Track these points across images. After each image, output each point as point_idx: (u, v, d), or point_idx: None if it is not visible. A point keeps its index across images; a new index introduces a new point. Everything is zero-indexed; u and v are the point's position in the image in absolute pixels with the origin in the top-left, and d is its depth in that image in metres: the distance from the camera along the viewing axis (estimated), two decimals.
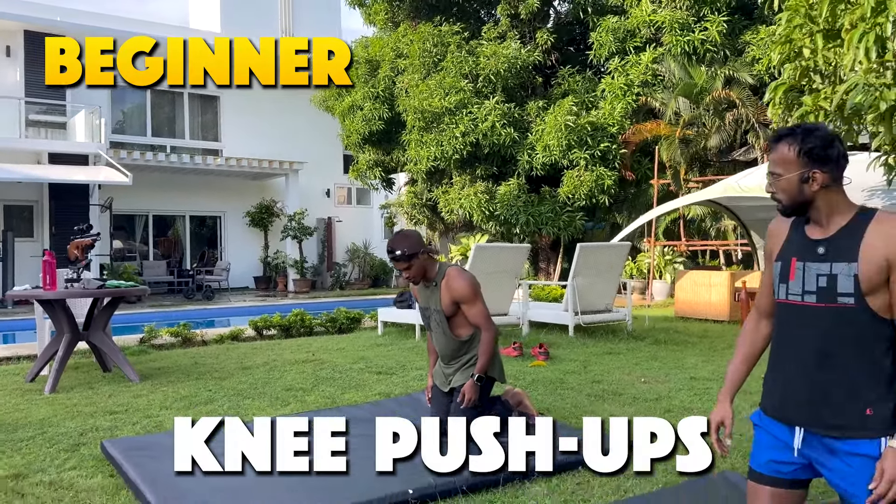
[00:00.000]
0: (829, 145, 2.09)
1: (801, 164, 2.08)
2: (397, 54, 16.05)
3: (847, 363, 2.08)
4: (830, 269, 2.07)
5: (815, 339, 2.12)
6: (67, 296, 5.30)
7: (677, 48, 12.74)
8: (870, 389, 2.06)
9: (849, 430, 2.07)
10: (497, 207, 14.24)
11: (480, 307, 3.71)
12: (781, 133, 2.15)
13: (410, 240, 3.72)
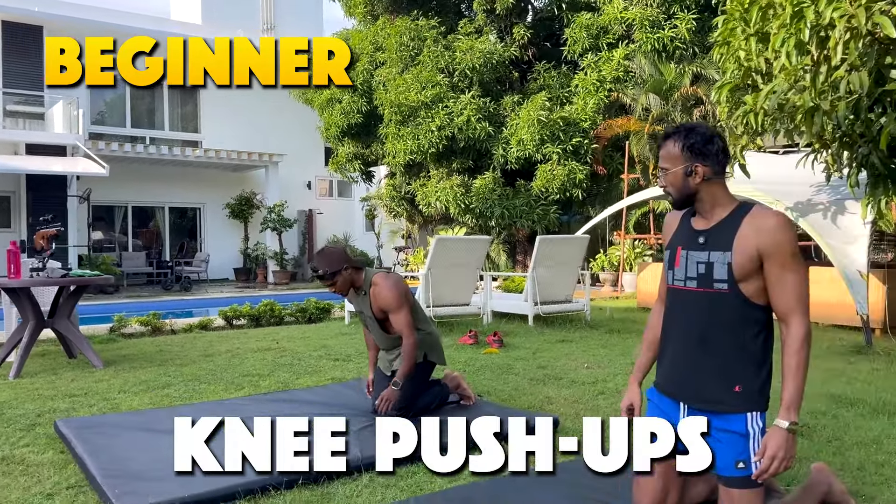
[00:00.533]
0: (708, 141, 2.31)
1: (684, 158, 2.30)
2: (376, 47, 16.21)
3: (720, 344, 2.29)
4: (708, 258, 2.29)
5: (694, 322, 2.34)
6: (31, 284, 5.46)
7: (648, 45, 12.98)
8: (739, 369, 2.28)
9: (720, 406, 2.29)
10: (473, 200, 14.46)
11: (403, 315, 3.76)
12: (668, 132, 2.38)
13: (331, 258, 3.79)
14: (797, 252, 2.23)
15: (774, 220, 2.23)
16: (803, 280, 2.23)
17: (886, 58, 4.15)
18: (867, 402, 4.46)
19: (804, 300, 2.22)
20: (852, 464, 3.32)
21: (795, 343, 2.18)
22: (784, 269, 2.20)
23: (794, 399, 2.17)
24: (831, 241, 7.03)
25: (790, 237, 2.23)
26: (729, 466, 2.26)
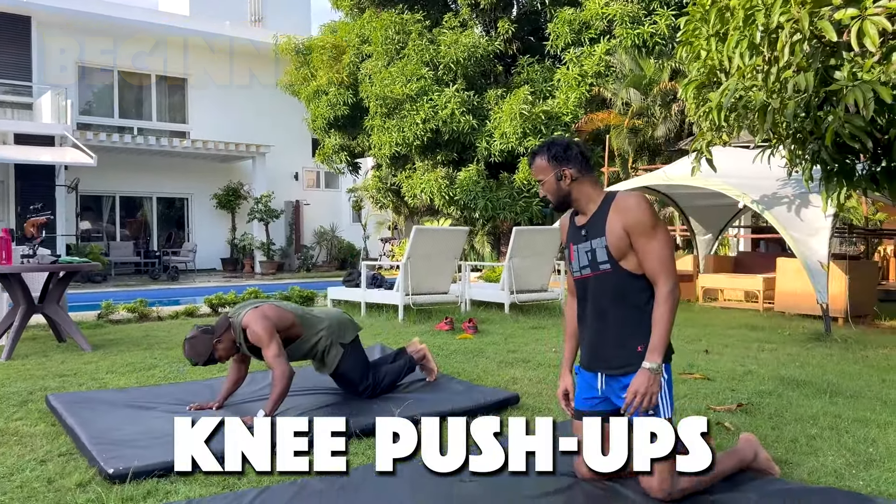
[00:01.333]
0: (567, 148, 2.73)
1: (552, 167, 2.72)
2: (362, 40, 16.40)
3: (617, 316, 2.67)
4: (591, 246, 2.70)
5: (593, 302, 2.74)
6: (21, 269, 5.67)
7: (628, 41, 13.23)
8: (638, 332, 2.64)
9: (628, 367, 2.64)
10: (457, 192, 14.71)
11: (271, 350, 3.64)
12: (534, 151, 2.81)
13: (198, 347, 3.72)
14: (656, 223, 2.62)
15: (633, 200, 2.64)
16: (665, 245, 2.62)
17: (831, 59, 4.42)
18: (813, 384, 4.76)
19: (667, 262, 2.61)
20: (786, 436, 3.60)
21: (660, 298, 2.57)
22: (648, 239, 2.59)
23: (658, 344, 2.54)
24: (794, 234, 7.32)
25: (647, 212, 2.61)
26: (639, 412, 2.56)
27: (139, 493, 2.77)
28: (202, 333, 3.75)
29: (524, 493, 2.68)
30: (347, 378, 4.11)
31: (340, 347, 4.08)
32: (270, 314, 3.78)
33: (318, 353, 4.05)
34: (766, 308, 9.02)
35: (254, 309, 3.79)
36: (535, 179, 2.80)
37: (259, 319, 3.70)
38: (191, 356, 3.75)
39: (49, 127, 15.92)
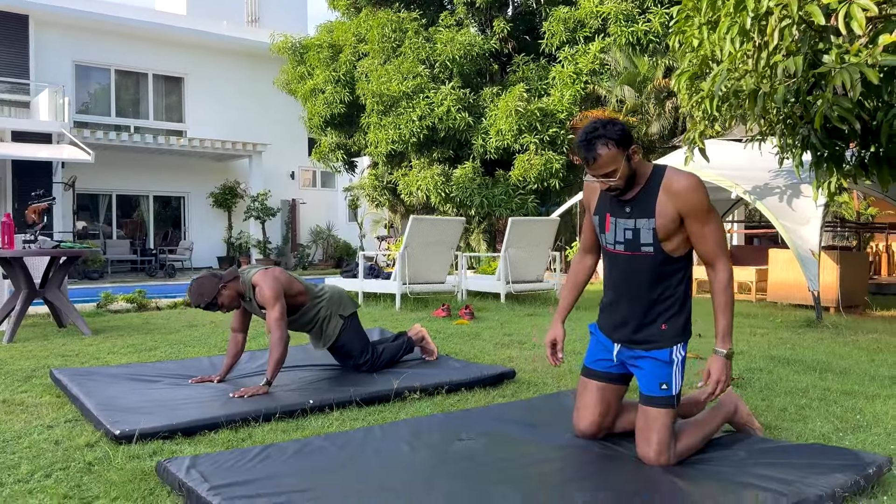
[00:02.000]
0: (622, 127, 2.55)
1: (621, 152, 2.53)
2: (358, 39, 16.49)
3: (647, 295, 2.68)
4: (635, 224, 2.65)
5: (625, 279, 2.71)
6: (24, 254, 5.73)
7: (622, 39, 13.35)
8: (664, 311, 2.69)
9: (650, 344, 2.70)
10: (453, 189, 14.79)
11: (274, 312, 3.72)
12: (590, 142, 2.52)
13: (203, 288, 3.75)
14: (710, 207, 2.57)
15: (686, 182, 2.56)
16: (720, 229, 2.59)
17: (819, 44, 4.53)
18: (803, 362, 4.85)
19: (724, 246, 2.59)
20: (776, 405, 3.69)
21: (723, 283, 2.57)
22: (703, 224, 2.56)
23: (727, 330, 2.55)
24: (786, 223, 7.43)
25: (703, 195, 2.56)
26: (654, 388, 2.66)
27: (145, 452, 2.84)
28: (210, 276, 3.81)
29: (522, 449, 2.76)
30: (346, 350, 4.19)
31: (340, 319, 4.17)
32: (281, 277, 3.89)
33: (319, 322, 4.13)
34: (759, 299, 9.12)
35: (265, 270, 3.89)
36: (603, 174, 2.54)
37: (269, 280, 3.80)
38: (195, 296, 3.77)
39: (46, 124, 15.95)
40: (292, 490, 2.28)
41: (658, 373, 2.66)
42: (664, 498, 2.29)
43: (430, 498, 2.26)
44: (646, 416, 2.65)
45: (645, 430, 2.63)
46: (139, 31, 18.46)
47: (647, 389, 2.67)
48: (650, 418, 2.63)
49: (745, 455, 2.71)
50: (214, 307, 3.80)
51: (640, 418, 2.67)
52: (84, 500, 2.35)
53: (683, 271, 2.69)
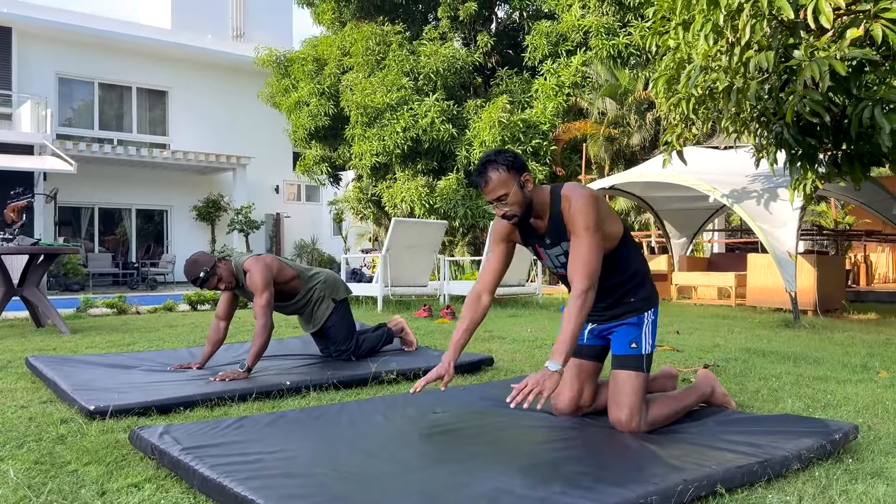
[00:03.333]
0: (514, 155, 2.59)
1: (513, 176, 2.54)
2: (343, 52, 16.59)
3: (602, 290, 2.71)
4: (561, 249, 2.70)
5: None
6: (2, 251, 5.70)
7: (604, 52, 13.53)
8: (628, 290, 2.76)
9: (622, 317, 2.77)
10: (437, 201, 14.84)
11: (262, 299, 3.74)
12: (482, 168, 2.58)
13: (200, 262, 3.78)
14: (591, 226, 2.50)
15: (572, 198, 2.54)
16: (592, 250, 2.49)
17: (790, 38, 4.63)
18: (778, 353, 4.91)
19: (589, 264, 2.48)
20: (750, 388, 3.73)
21: (572, 297, 2.46)
22: (577, 238, 2.51)
23: (562, 344, 2.39)
24: (763, 225, 7.53)
25: (585, 213, 2.50)
26: (624, 346, 2.72)
27: (119, 427, 2.83)
28: (205, 254, 3.85)
29: (495, 421, 2.77)
30: (331, 335, 4.19)
31: (332, 302, 4.21)
32: (272, 265, 3.93)
33: (311, 303, 4.17)
34: (738, 303, 9.21)
35: (257, 256, 3.92)
36: (495, 198, 2.56)
37: (260, 267, 3.82)
38: (190, 265, 3.77)
39: (28, 136, 15.90)
40: (265, 451, 2.28)
41: (628, 332, 2.74)
42: (633, 456, 2.32)
43: (403, 455, 2.28)
44: (616, 380, 2.69)
45: (616, 395, 2.66)
46: (123, 44, 18.49)
47: (618, 350, 2.73)
48: (620, 381, 2.67)
49: (716, 425, 2.75)
50: (211, 280, 3.78)
51: (612, 383, 2.71)
52: (55, 465, 2.34)
53: (626, 252, 2.73)
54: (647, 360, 2.70)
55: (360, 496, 1.90)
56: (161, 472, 2.27)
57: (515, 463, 2.24)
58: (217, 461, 2.13)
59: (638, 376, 2.66)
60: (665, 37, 5.87)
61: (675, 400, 2.85)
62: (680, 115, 6.41)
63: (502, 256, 2.84)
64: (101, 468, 2.31)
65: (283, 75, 17.76)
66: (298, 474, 2.06)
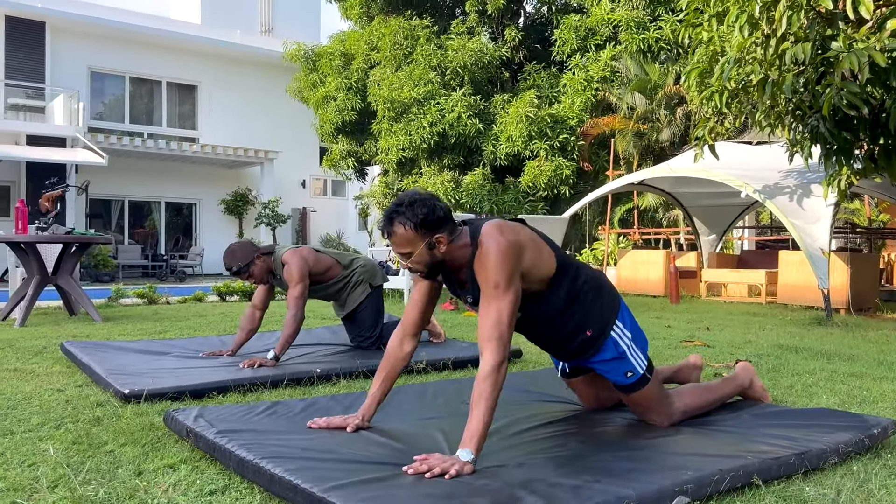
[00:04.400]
0: (432, 209, 2.19)
1: (421, 236, 2.19)
2: (370, 47, 16.63)
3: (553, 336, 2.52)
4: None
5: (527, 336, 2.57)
6: (37, 240, 5.80)
7: (633, 46, 13.39)
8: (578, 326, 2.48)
9: (588, 353, 2.55)
10: (463, 196, 14.82)
11: (295, 291, 3.80)
12: (388, 214, 2.24)
13: (239, 253, 3.81)
14: (500, 282, 2.15)
15: (483, 250, 2.19)
16: (504, 308, 2.14)
17: (827, 30, 4.55)
18: (811, 350, 4.84)
19: (501, 328, 2.13)
20: (783, 384, 3.68)
21: (481, 374, 2.09)
22: (487, 297, 2.17)
23: (474, 432, 2.04)
24: (796, 221, 7.41)
25: (494, 267, 2.16)
26: (620, 378, 2.55)
27: (154, 410, 2.86)
28: (249, 244, 3.89)
29: (525, 413, 2.76)
30: (360, 319, 4.22)
31: (369, 287, 4.27)
32: (309, 258, 3.98)
33: (349, 286, 4.22)
34: (769, 301, 9.09)
35: (295, 248, 3.99)
36: (400, 252, 2.24)
37: (297, 260, 3.89)
38: (228, 256, 3.82)
39: (61, 129, 16.15)
40: (298, 436, 2.30)
41: (618, 368, 2.53)
42: (667, 445, 2.30)
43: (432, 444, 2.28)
44: (631, 401, 2.61)
45: (638, 412, 2.63)
46: (154, 39, 18.69)
47: (617, 381, 2.57)
48: (636, 403, 2.60)
49: (751, 417, 2.71)
50: (243, 274, 3.84)
51: (629, 405, 2.65)
52: (93, 446, 2.38)
53: (562, 288, 2.39)
54: (647, 371, 2.55)
55: (393, 481, 1.90)
56: (196, 454, 2.29)
57: (547, 452, 2.23)
58: (252, 444, 2.14)
59: (649, 388, 2.55)
60: (698, 29, 5.80)
61: (709, 390, 2.81)
62: (712, 109, 6.33)
63: (426, 296, 2.45)
64: (137, 449, 2.34)
65: (311, 70, 17.84)
66: (332, 458, 2.07)
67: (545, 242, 2.41)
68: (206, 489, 1.98)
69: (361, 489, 1.79)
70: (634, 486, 1.87)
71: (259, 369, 3.48)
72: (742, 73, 5.44)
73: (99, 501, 1.88)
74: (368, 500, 1.70)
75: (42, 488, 1.97)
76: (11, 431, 2.55)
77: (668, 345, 5.05)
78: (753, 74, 4.89)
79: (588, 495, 1.80)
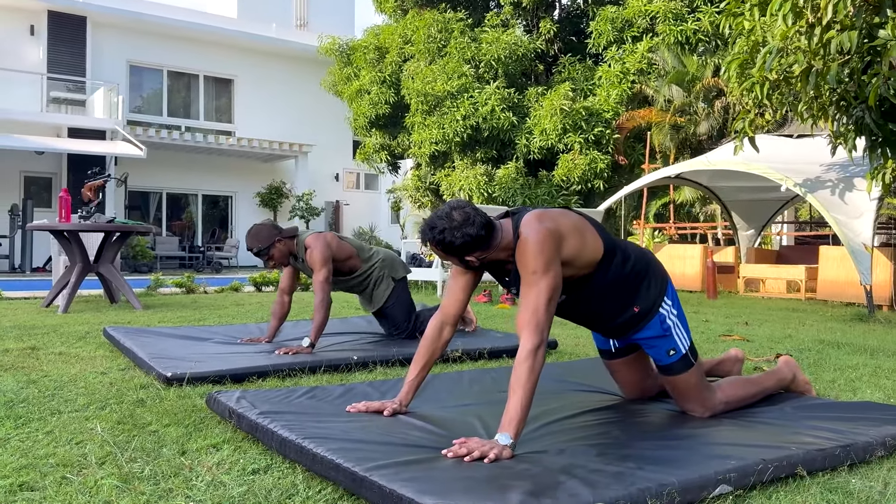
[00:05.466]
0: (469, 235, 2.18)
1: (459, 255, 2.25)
2: (405, 41, 16.65)
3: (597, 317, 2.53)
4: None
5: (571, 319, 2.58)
6: (79, 228, 5.92)
7: (671, 37, 13.23)
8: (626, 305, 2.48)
9: (634, 328, 2.54)
10: (496, 189, 14.79)
11: (320, 275, 3.80)
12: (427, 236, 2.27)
13: (261, 235, 3.81)
14: (540, 268, 2.17)
15: (522, 239, 2.22)
16: (542, 294, 2.16)
17: (875, 17, 4.44)
18: (853, 345, 4.74)
19: (537, 316, 2.14)
20: (825, 378, 3.61)
21: (519, 358, 2.11)
22: (525, 284, 2.19)
23: (513, 416, 2.04)
24: (837, 216, 7.26)
25: (534, 253, 2.18)
26: (663, 357, 2.54)
27: (196, 393, 2.91)
28: (271, 226, 3.88)
29: (564, 402, 2.75)
30: (392, 315, 4.23)
31: (392, 281, 4.24)
32: (332, 242, 3.98)
33: (371, 283, 4.21)
34: (808, 297, 8.93)
35: (318, 233, 3.98)
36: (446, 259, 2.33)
37: (321, 244, 3.88)
38: (251, 238, 3.83)
39: (101, 121, 16.46)
40: (338, 419, 2.32)
41: (660, 345, 2.53)
42: (710, 435, 2.27)
43: (469, 430, 2.28)
44: (673, 386, 2.57)
45: (681, 399, 2.59)
46: (191, 33, 18.94)
47: (659, 360, 2.56)
48: (677, 387, 2.56)
49: (794, 410, 2.67)
50: (264, 256, 3.85)
51: (670, 389, 2.61)
52: (137, 426, 2.42)
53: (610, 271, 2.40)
54: (691, 353, 2.54)
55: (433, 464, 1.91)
56: (238, 435, 2.32)
57: (587, 440, 2.22)
58: (293, 425, 2.17)
59: (691, 374, 2.52)
60: (740, 19, 5.71)
61: (751, 383, 2.77)
62: (753, 101, 6.23)
63: (465, 285, 2.47)
64: (181, 429, 2.38)
65: (346, 64, 17.93)
66: (372, 441, 2.08)
67: (591, 226, 2.41)
68: (249, 468, 2.00)
69: (402, 470, 1.80)
70: (677, 474, 1.85)
71: (297, 356, 3.51)
72: (784, 63, 5.35)
73: (145, 478, 1.91)
74: (409, 481, 1.71)
75: (90, 464, 2.01)
76: (59, 411, 2.61)
77: (707, 339, 4.99)
78: (797, 64, 4.79)
79: (630, 481, 1.79)
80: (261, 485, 1.87)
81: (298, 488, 1.86)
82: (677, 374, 2.53)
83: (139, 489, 1.83)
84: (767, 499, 1.87)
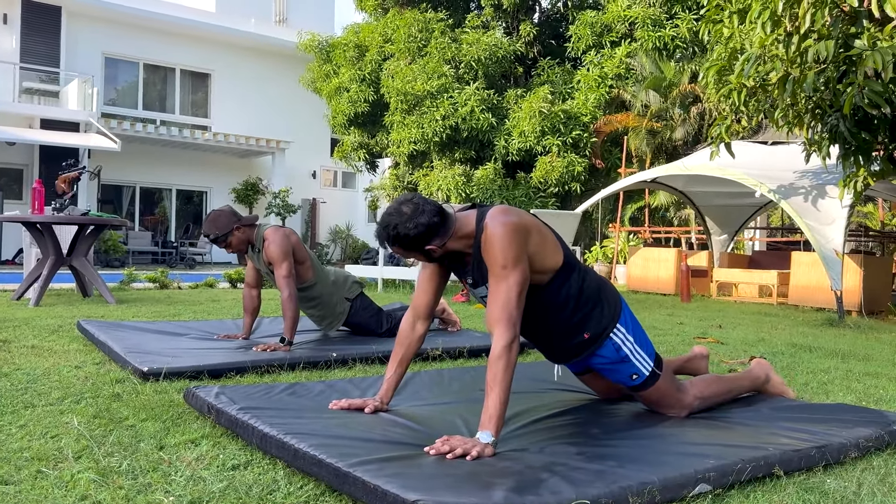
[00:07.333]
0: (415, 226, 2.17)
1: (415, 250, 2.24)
2: (385, 39, 16.61)
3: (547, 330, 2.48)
4: (486, 290, 2.31)
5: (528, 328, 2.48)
6: (53, 220, 5.83)
7: (649, 43, 13.36)
8: (573, 328, 2.45)
9: (584, 353, 2.51)
10: (474, 190, 14.80)
11: (282, 270, 3.69)
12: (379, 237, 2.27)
13: (219, 221, 3.69)
14: (510, 263, 2.16)
15: (489, 233, 2.20)
16: (512, 289, 2.15)
17: (851, 28, 4.52)
18: (825, 349, 4.82)
19: (508, 312, 2.13)
20: (798, 381, 3.66)
21: (493, 355, 2.10)
22: (494, 278, 2.17)
23: (492, 414, 2.04)
24: (810, 222, 7.38)
25: (502, 247, 2.17)
26: (627, 381, 2.53)
27: (173, 388, 2.88)
28: (230, 213, 3.75)
29: (542, 401, 2.76)
30: (364, 326, 4.19)
31: (346, 302, 4.14)
32: (291, 238, 3.83)
33: (322, 304, 4.07)
34: (780, 302, 9.06)
35: (276, 227, 3.85)
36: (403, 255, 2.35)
37: (280, 238, 3.75)
38: (208, 224, 3.71)
39: (74, 113, 16.21)
40: (318, 415, 2.30)
41: (622, 371, 2.50)
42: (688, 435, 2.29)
43: (450, 429, 2.28)
44: (644, 399, 2.58)
45: (654, 407, 2.60)
46: (169, 26, 18.72)
47: (624, 384, 2.55)
48: (649, 399, 2.57)
49: (770, 411, 2.71)
50: (221, 243, 3.72)
51: (642, 401, 2.62)
52: (114, 420, 2.39)
53: (565, 286, 2.37)
54: (656, 368, 2.52)
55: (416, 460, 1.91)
56: (217, 431, 2.30)
57: (567, 439, 2.23)
58: (274, 420, 2.15)
59: (659, 384, 2.52)
60: (719, 26, 5.77)
61: (723, 380, 2.80)
62: (730, 107, 6.31)
63: (431, 276, 2.45)
64: (158, 424, 2.35)
65: (325, 61, 17.84)
66: (354, 437, 2.07)
67: (552, 234, 2.40)
68: (229, 464, 1.99)
69: (385, 466, 1.80)
70: (657, 472, 1.87)
71: (275, 353, 3.48)
72: (762, 70, 5.42)
73: (123, 473, 1.89)
74: (393, 477, 1.71)
75: (67, 458, 1.98)
76: (32, 404, 2.57)
77: (682, 341, 5.04)
78: (774, 72, 4.87)
79: (612, 479, 1.80)
80: (241, 480, 1.86)
81: (280, 484, 1.85)
82: (646, 389, 2.53)
83: (117, 483, 1.80)
84: (745, 498, 1.90)
